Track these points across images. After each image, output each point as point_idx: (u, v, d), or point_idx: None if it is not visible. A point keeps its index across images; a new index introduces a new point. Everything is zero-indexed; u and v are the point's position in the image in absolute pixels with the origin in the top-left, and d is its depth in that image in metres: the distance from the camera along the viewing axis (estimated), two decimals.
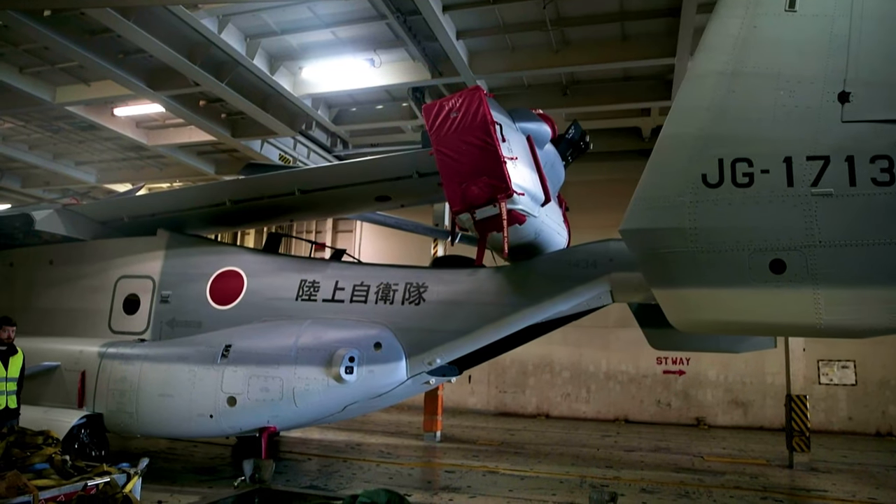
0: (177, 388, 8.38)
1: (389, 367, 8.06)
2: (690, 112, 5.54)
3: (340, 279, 8.88)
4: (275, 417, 8.17)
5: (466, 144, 6.75)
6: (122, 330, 9.52)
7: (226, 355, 8.33)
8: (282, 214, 10.67)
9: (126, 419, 8.59)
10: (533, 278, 8.05)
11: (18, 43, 13.46)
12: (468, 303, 8.19)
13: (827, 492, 9.93)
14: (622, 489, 9.44)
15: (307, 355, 8.08)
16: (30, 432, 6.23)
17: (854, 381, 17.24)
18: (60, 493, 5.04)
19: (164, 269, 9.59)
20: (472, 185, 6.72)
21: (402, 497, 4.11)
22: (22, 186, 24.20)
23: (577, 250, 8.05)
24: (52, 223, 9.68)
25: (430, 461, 11.68)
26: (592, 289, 7.79)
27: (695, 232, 5.48)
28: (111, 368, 8.77)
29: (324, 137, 18.55)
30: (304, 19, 12.64)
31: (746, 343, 9.71)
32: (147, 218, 9.95)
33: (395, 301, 8.49)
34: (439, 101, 7.04)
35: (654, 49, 12.82)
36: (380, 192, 9.11)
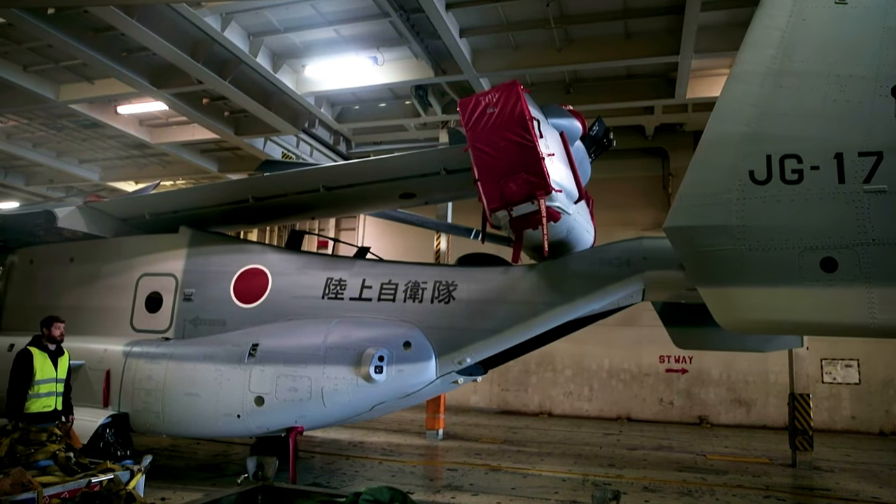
0: (203, 387, 8.25)
1: (419, 367, 7.95)
2: (737, 108, 5.41)
3: (367, 277, 8.73)
4: (303, 417, 8.05)
5: (504, 140, 6.63)
6: (145, 328, 9.38)
7: (253, 354, 8.21)
8: (304, 212, 10.51)
9: (152, 419, 8.46)
10: (566, 276, 7.89)
11: (22, 41, 13.49)
12: (500, 301, 8.06)
13: (830, 491, 9.91)
14: (625, 488, 9.44)
15: (336, 354, 7.97)
16: (34, 429, 6.25)
17: (857, 380, 17.21)
18: (64, 489, 5.05)
19: (186, 266, 9.44)
20: (511, 182, 6.62)
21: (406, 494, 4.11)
22: (26, 184, 24.28)
23: (611, 248, 7.89)
24: (74, 220, 9.54)
25: (433, 459, 11.69)
26: (626, 287, 7.65)
27: (742, 230, 5.35)
28: (137, 367, 8.64)
29: (327, 135, 18.57)
30: (307, 17, 12.64)
31: (773, 342, 9.53)
32: (168, 215, 9.82)
33: (425, 299, 8.35)
34: (475, 97, 6.92)
35: (657, 47, 12.80)
36: (405, 189, 8.93)
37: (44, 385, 7.06)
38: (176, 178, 23.39)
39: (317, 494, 4.91)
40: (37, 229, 9.90)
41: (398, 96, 16.46)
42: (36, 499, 4.71)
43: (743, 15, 12.24)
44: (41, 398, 7.02)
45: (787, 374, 13.10)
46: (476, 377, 8.74)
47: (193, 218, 9.81)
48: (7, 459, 5.62)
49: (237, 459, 10.75)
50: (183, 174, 22.94)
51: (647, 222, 18.79)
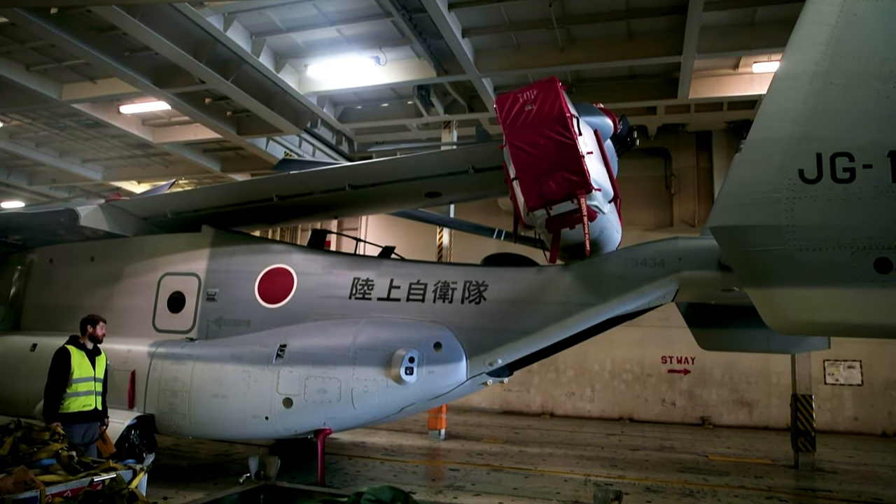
0: (231, 388, 8.15)
1: (450, 368, 7.82)
2: (785, 106, 5.28)
3: (395, 277, 8.61)
4: (332, 419, 7.97)
5: (543, 138, 6.49)
6: (167, 328, 9.27)
7: (281, 355, 8.11)
8: (327, 211, 10.38)
9: (179, 420, 8.37)
10: (600, 277, 7.77)
11: (25, 40, 13.51)
12: (533, 301, 7.93)
13: (832, 492, 9.89)
14: (627, 488, 9.43)
15: (365, 355, 7.87)
16: (37, 428, 6.26)
17: (860, 381, 17.17)
18: (67, 488, 5.04)
19: (209, 266, 9.33)
20: (550, 181, 6.48)
21: (408, 494, 4.11)
22: (28, 184, 24.33)
23: (645, 248, 7.79)
24: (95, 219, 9.41)
25: (435, 459, 11.69)
26: (661, 288, 7.55)
27: (792, 229, 5.22)
28: (162, 368, 8.54)
29: (329, 135, 18.58)
30: (309, 17, 12.65)
31: (801, 344, 9.36)
32: (190, 214, 9.70)
33: (455, 300, 8.23)
34: (513, 93, 6.75)
35: (660, 47, 12.78)
36: (431, 188, 8.82)
37: (82, 384, 7.00)
38: (178, 178, 23.40)
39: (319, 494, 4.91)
40: (58, 228, 9.80)
41: (400, 96, 16.46)
42: (39, 497, 4.71)
43: (745, 15, 12.24)
44: (80, 397, 6.97)
45: (789, 374, 13.07)
46: (503, 378, 8.61)
47: (215, 217, 9.69)
48: (10, 458, 5.62)
49: (239, 459, 10.76)
50: (185, 174, 22.96)
51: (650, 223, 18.79)
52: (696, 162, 18.94)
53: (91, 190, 25.95)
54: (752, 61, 13.81)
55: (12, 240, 10.52)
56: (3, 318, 10.38)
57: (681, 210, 18.86)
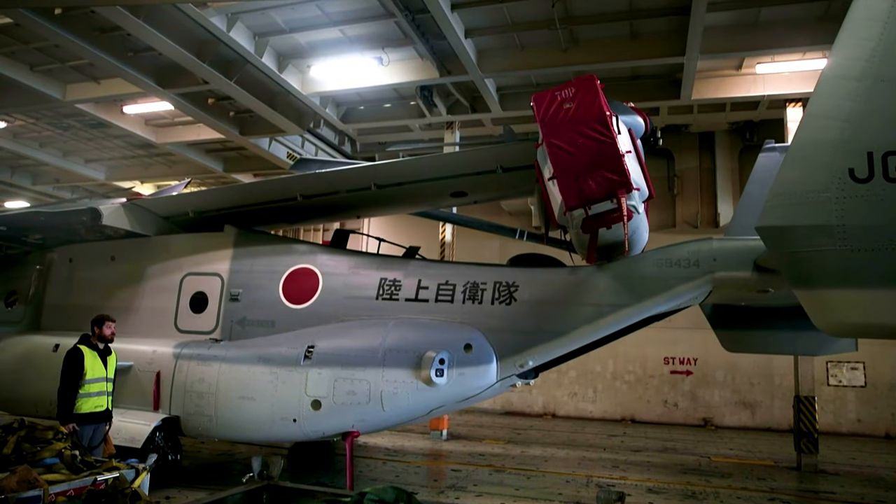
0: (258, 390, 8.04)
1: (480, 370, 7.72)
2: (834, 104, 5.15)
3: (423, 278, 8.49)
4: (361, 422, 7.86)
5: (582, 137, 6.40)
6: (189, 329, 9.16)
7: (309, 357, 7.99)
8: (350, 210, 10.27)
9: (205, 422, 8.27)
10: (634, 277, 7.67)
11: (29, 41, 13.55)
12: (564, 303, 7.83)
13: (835, 494, 9.87)
14: (629, 489, 9.42)
15: (395, 357, 7.76)
16: (40, 427, 6.28)
17: (863, 383, 17.13)
18: (70, 487, 5.06)
19: (232, 266, 9.23)
20: (590, 180, 6.38)
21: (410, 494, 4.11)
22: (32, 183, 24.39)
23: (679, 249, 7.69)
24: (118, 218, 9.33)
25: (437, 459, 11.69)
26: (694, 289, 7.46)
27: (842, 230, 5.07)
28: (188, 369, 8.43)
29: (332, 136, 18.58)
30: (312, 17, 12.66)
31: (828, 346, 9.20)
32: (212, 213, 9.61)
33: (485, 301, 8.12)
34: (551, 91, 6.66)
35: (663, 48, 12.77)
36: (456, 188, 8.72)
37: (95, 384, 6.98)
38: (181, 178, 23.45)
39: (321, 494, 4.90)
40: (79, 227, 9.72)
41: (403, 97, 16.47)
42: (42, 496, 4.72)
43: (749, 16, 12.23)
44: (92, 398, 6.95)
45: (792, 376, 13.06)
46: (529, 381, 8.50)
47: (236, 216, 9.60)
48: (13, 457, 5.64)
49: (241, 458, 10.77)
50: (188, 174, 22.98)
51: (652, 224, 18.50)
52: (699, 163, 18.92)
53: (94, 190, 26.01)
54: (755, 62, 13.80)
55: (32, 239, 10.44)
56: (23, 318, 10.32)
57: (683, 211, 18.84)
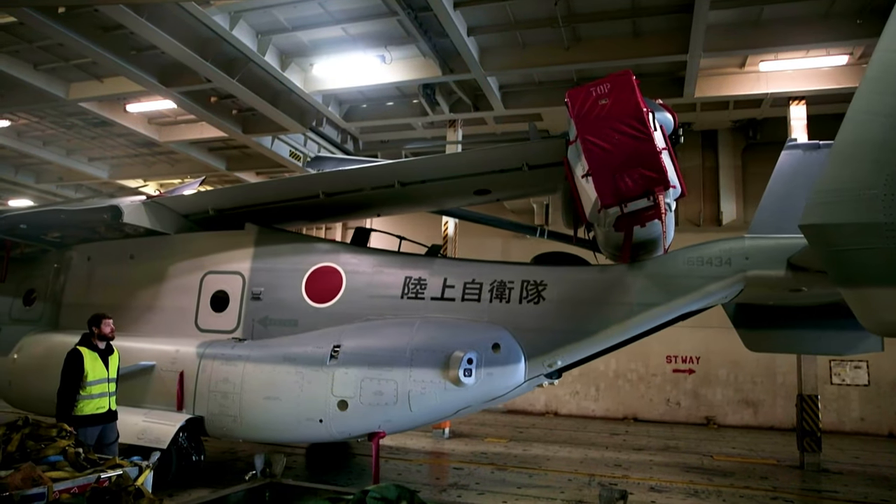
0: (284, 390, 7.96)
1: (508, 370, 7.66)
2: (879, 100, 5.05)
3: (449, 276, 8.39)
4: (387, 422, 7.82)
5: (618, 133, 6.30)
6: (210, 328, 9.09)
7: (335, 356, 7.91)
8: (370, 208, 10.15)
9: (229, 423, 8.19)
10: (665, 276, 7.60)
11: (33, 40, 13.58)
12: (594, 302, 7.74)
13: (838, 493, 9.86)
14: (631, 488, 9.42)
15: (422, 357, 7.68)
16: (44, 425, 6.30)
17: (867, 382, 17.09)
18: (74, 485, 5.08)
19: (254, 264, 9.16)
20: (626, 177, 6.28)
21: (413, 492, 4.12)
22: (35, 182, 24.45)
23: (711, 247, 7.63)
24: (138, 216, 9.23)
25: (439, 458, 11.70)
26: (726, 288, 7.42)
27: (890, 227, 4.98)
28: (212, 369, 8.34)
29: (334, 134, 18.60)
30: (315, 16, 12.66)
31: (854, 346, 9.12)
32: (232, 211, 9.53)
33: (512, 299, 8.03)
34: (586, 87, 6.54)
35: (665, 46, 12.73)
36: (481, 185, 8.63)
37: (96, 386, 6.90)
38: (184, 177, 23.47)
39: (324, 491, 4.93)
40: (99, 225, 9.65)
41: (406, 95, 16.46)
42: (46, 494, 4.74)
43: (752, 14, 12.19)
44: (94, 399, 6.88)
45: (794, 374, 13.04)
46: (554, 380, 8.42)
47: (255, 214, 9.52)
48: (18, 454, 5.66)
49: (244, 457, 10.80)
50: (191, 172, 23.02)
51: None
52: (702, 161, 18.86)
53: (97, 188, 26.07)
54: (758, 60, 13.76)
55: (51, 237, 10.38)
56: (42, 317, 10.30)
57: (686, 210, 18.78)
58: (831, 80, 13.74)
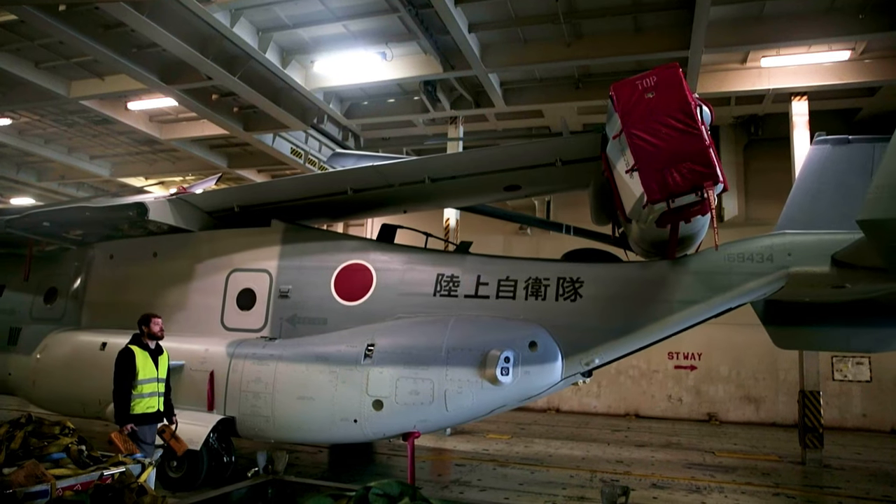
0: (317, 390, 7.82)
1: (545, 368, 7.51)
2: None
3: (483, 273, 8.23)
4: (423, 422, 7.65)
5: (666, 127, 6.16)
6: (237, 327, 8.93)
7: (369, 355, 7.75)
8: (397, 204, 9.96)
9: (261, 423, 8.06)
10: (705, 273, 7.45)
11: (34, 38, 13.58)
12: (634, 299, 7.59)
13: (840, 489, 9.85)
14: (633, 484, 9.42)
15: (458, 356, 7.53)
16: (47, 422, 6.32)
17: (869, 378, 17.07)
18: (77, 482, 5.10)
19: (281, 262, 9.00)
20: (675, 172, 6.12)
21: (415, 489, 4.13)
22: (38, 180, 24.49)
23: (752, 243, 7.49)
24: (163, 213, 9.09)
25: (441, 454, 11.72)
26: (767, 285, 7.29)
27: None
28: (243, 369, 8.19)
29: (335, 131, 18.61)
30: (315, 13, 12.65)
31: (884, 343, 8.95)
32: (257, 207, 9.37)
33: (548, 297, 7.86)
34: (631, 81, 6.39)
35: (667, 42, 12.71)
36: (511, 181, 8.46)
37: (147, 385, 6.83)
38: (185, 174, 23.50)
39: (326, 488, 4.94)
40: (123, 222, 9.53)
41: (407, 92, 16.45)
42: (49, 491, 4.76)
43: (753, 9, 12.15)
44: (144, 399, 6.80)
45: (796, 371, 13.03)
46: (586, 379, 8.32)
47: (280, 210, 9.39)
48: (21, 452, 5.68)
49: (246, 454, 10.81)
50: (192, 170, 23.05)
51: None
52: None
53: (100, 186, 26.10)
54: (760, 56, 13.72)
55: (72, 235, 10.25)
56: (63, 315, 10.19)
57: None
58: (833, 76, 13.71)
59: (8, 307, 10.80)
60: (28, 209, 10.26)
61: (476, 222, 16.09)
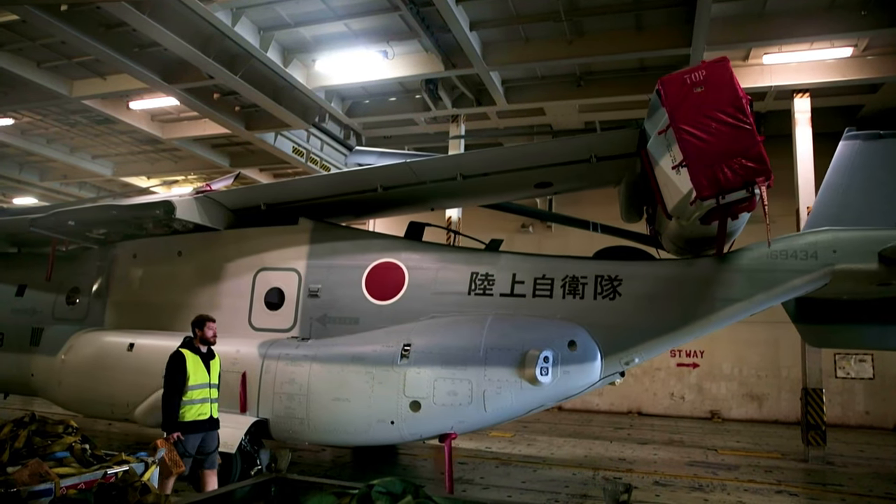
0: (353, 391, 7.67)
1: (585, 368, 7.41)
2: None
3: (518, 272, 8.10)
4: (460, 423, 7.50)
5: (716, 122, 6.05)
6: (265, 327, 8.78)
7: (406, 355, 7.60)
8: (426, 201, 9.79)
9: (296, 426, 7.90)
10: (748, 271, 7.32)
11: (36, 38, 13.61)
12: (673, 297, 7.46)
13: (843, 486, 9.85)
14: (635, 482, 9.43)
15: (497, 355, 7.39)
16: (50, 421, 6.34)
17: (871, 375, 17.05)
18: (80, 480, 5.11)
19: (310, 261, 8.86)
20: (726, 167, 6.00)
21: (418, 487, 4.13)
22: (40, 180, 24.54)
23: (795, 240, 7.38)
24: (190, 211, 8.90)
25: (444, 452, 11.70)
26: (811, 282, 7.15)
27: None
28: (276, 370, 8.04)
29: (337, 130, 18.61)
30: (317, 11, 12.65)
31: None
32: (284, 205, 9.20)
33: (586, 295, 7.74)
34: (680, 74, 6.28)
35: (669, 39, 12.68)
36: (543, 178, 8.29)
37: (197, 391, 6.60)
38: (188, 174, 23.54)
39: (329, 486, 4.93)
40: (148, 222, 9.38)
41: (408, 90, 16.44)
42: (53, 489, 4.78)
43: (755, 6, 12.12)
44: (195, 405, 6.57)
45: (799, 368, 13.02)
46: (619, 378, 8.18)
47: (307, 208, 9.25)
48: (25, 451, 5.71)
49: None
50: (194, 169, 23.08)
51: None
52: None
53: (102, 186, 26.14)
54: (762, 52, 13.69)
55: (96, 235, 10.07)
56: (87, 316, 10.08)
57: None
58: (836, 73, 13.67)
59: (29, 307, 10.64)
60: (51, 207, 10.18)
61: (476, 219, 16.10)
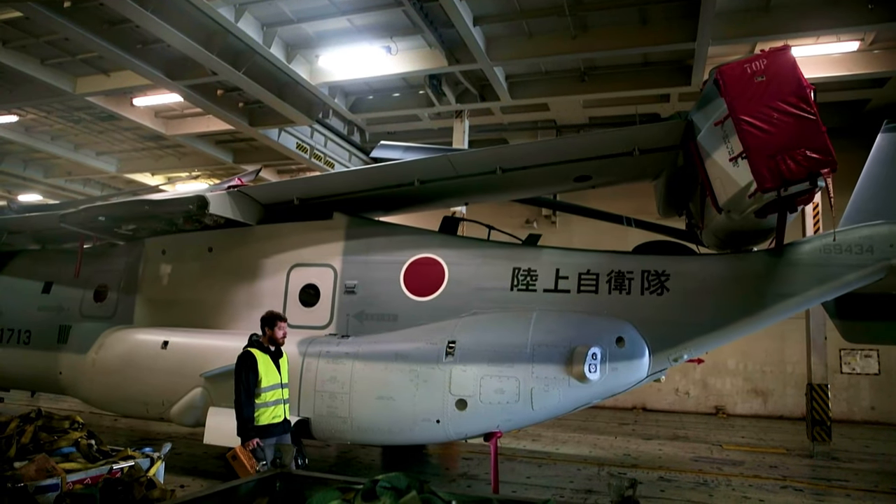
0: (397, 389, 7.48)
1: (633, 365, 7.28)
2: None
3: (562, 267, 7.94)
4: (507, 422, 7.35)
5: (778, 112, 5.89)
6: (300, 324, 8.53)
7: (451, 353, 7.43)
8: (461, 196, 9.59)
9: (339, 424, 7.71)
10: (801, 266, 7.17)
11: (39, 34, 13.62)
12: (724, 292, 7.31)
13: (848, 482, 9.82)
14: (640, 477, 9.42)
15: (544, 352, 7.24)
16: (56, 417, 6.38)
17: (877, 371, 17.00)
18: (87, 476, 5.15)
19: (346, 256, 8.71)
20: (789, 159, 5.84)
21: (423, 482, 4.13)
22: (44, 176, 24.62)
23: (850, 234, 7.21)
24: (222, 206, 8.73)
25: (448, 447, 11.73)
26: (866, 277, 6.99)
27: None
28: (317, 368, 7.86)
29: (340, 126, 18.61)
30: (320, 7, 12.62)
31: None
32: (317, 200, 9.03)
33: (633, 291, 7.59)
34: (739, 64, 6.15)
35: (673, 34, 12.60)
36: (583, 172, 8.15)
37: (270, 392, 6.32)
38: (191, 170, 23.59)
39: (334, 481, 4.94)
40: (180, 217, 9.20)
41: (412, 86, 16.41)
42: (59, 485, 4.80)
43: (760, 0, 12.04)
44: (269, 407, 6.30)
45: (804, 364, 12.97)
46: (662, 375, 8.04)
47: (340, 203, 9.10)
48: (31, 446, 5.74)
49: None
50: (198, 165, 23.13)
51: None
52: None
53: (106, 182, 26.21)
54: (767, 47, 13.53)
55: (125, 230, 9.88)
56: (115, 313, 9.93)
57: None
58: (842, 67, 13.58)
59: (56, 304, 10.49)
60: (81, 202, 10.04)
61: (482, 214, 16.03)
